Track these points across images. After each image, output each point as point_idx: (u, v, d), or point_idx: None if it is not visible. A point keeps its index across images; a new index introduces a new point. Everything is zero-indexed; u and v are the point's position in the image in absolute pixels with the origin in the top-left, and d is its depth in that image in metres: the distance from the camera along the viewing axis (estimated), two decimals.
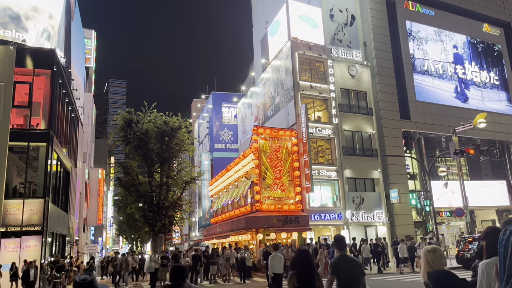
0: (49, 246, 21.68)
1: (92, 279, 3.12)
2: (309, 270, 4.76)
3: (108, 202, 67.24)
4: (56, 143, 22.38)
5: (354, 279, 5.09)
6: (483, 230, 3.59)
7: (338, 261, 5.29)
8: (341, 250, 5.52)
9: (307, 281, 4.65)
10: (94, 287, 3.07)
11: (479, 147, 19.58)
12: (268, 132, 26.11)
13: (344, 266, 5.17)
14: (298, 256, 5.01)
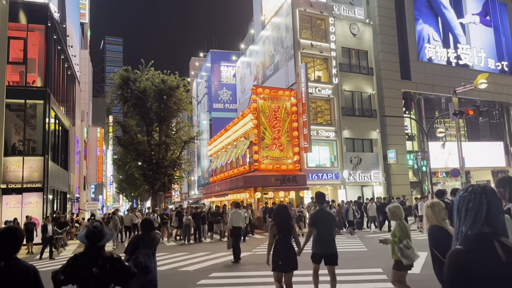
0: (51, 203, 22.02)
1: (103, 227, 3.58)
2: (286, 221, 6.02)
3: (108, 161, 67.73)
4: (53, 100, 22.19)
5: (329, 228, 6.31)
6: None
7: (317, 213, 6.48)
8: (320, 204, 6.61)
9: (284, 229, 5.92)
10: (104, 234, 3.51)
11: (478, 108, 19.49)
12: (267, 92, 25.87)
13: (322, 218, 6.33)
14: (278, 210, 6.24)
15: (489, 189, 2.01)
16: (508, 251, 1.83)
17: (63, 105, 26.37)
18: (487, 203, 1.94)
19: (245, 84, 38.47)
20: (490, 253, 1.83)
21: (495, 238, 1.88)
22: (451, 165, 28.91)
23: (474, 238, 1.90)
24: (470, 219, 1.95)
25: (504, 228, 1.95)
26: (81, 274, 3.37)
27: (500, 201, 2.05)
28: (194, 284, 8.58)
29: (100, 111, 65.32)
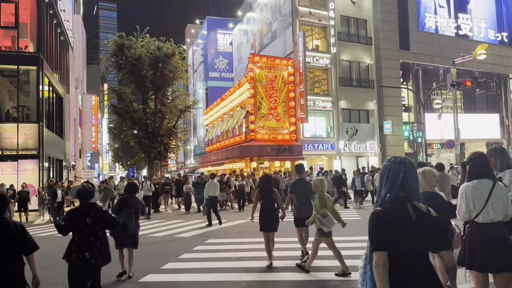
0: (47, 170, 22.05)
1: (94, 189, 4.46)
2: (269, 187, 7.09)
3: (103, 129, 67.49)
4: (46, 67, 21.82)
5: (307, 195, 7.16)
6: (468, 156, 3.89)
7: (296, 183, 7.39)
8: (299, 174, 7.56)
9: (266, 195, 7.04)
10: (93, 194, 4.41)
11: (476, 79, 19.36)
12: (264, 60, 25.53)
13: (300, 187, 7.23)
14: (261, 179, 7.43)
15: (408, 160, 2.40)
16: (418, 212, 2.25)
17: (56, 72, 25.96)
18: (404, 172, 2.33)
19: (242, 52, 37.90)
20: (404, 213, 2.25)
21: (409, 201, 2.29)
22: (446, 136, 29.02)
23: (392, 201, 2.31)
24: (389, 184, 2.35)
25: (417, 193, 2.35)
26: (78, 224, 4.24)
27: (415, 170, 2.41)
28: (190, 250, 8.72)
29: (94, 78, 64.53)
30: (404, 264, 2.19)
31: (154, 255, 8.42)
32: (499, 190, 3.52)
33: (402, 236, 2.19)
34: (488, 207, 3.48)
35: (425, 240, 2.22)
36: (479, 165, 3.64)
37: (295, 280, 6.02)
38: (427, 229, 2.23)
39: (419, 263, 2.22)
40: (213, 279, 6.24)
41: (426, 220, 2.25)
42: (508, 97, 35.74)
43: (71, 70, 34.66)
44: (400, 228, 2.21)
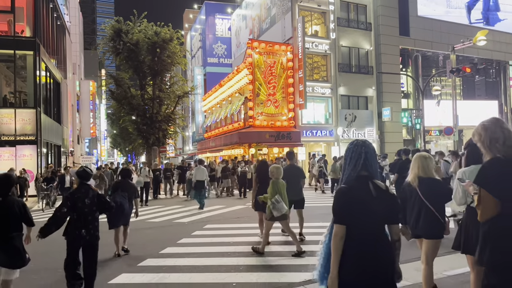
0: (45, 156, 22.04)
1: (92, 172, 5.24)
2: (265, 173, 7.50)
3: (101, 115, 67.26)
4: (43, 52, 21.64)
5: (297, 180, 7.85)
6: (466, 142, 4.02)
7: (287, 168, 8.07)
8: (290, 160, 8.35)
9: (263, 179, 7.57)
10: (90, 176, 5.14)
11: (476, 66, 19.27)
12: (263, 46, 25.34)
13: (291, 172, 7.85)
14: (259, 165, 8.36)
15: (368, 143, 2.66)
16: (377, 189, 2.53)
17: (53, 57, 25.74)
18: (365, 153, 2.60)
19: (241, 38, 37.58)
20: (365, 190, 2.52)
21: (370, 179, 2.57)
22: (444, 123, 29.03)
23: (355, 179, 2.57)
24: (352, 164, 2.61)
25: (376, 172, 2.63)
26: (77, 204, 4.76)
27: (375, 152, 2.68)
28: (189, 235, 8.79)
29: (92, 64, 64.04)
30: (361, 237, 2.46)
31: (153, 240, 8.49)
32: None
33: (362, 210, 2.47)
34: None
35: (382, 214, 2.50)
36: (476, 151, 3.48)
37: (293, 265, 6.08)
38: (385, 205, 2.51)
39: (375, 235, 2.50)
40: (211, 263, 6.30)
41: (384, 197, 2.53)
42: (507, 84, 35.64)
43: (68, 55, 34.37)
44: (361, 203, 2.49)
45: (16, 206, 4.22)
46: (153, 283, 5.40)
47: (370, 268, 2.43)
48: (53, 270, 6.21)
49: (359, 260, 2.43)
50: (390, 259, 2.52)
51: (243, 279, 5.40)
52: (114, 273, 5.91)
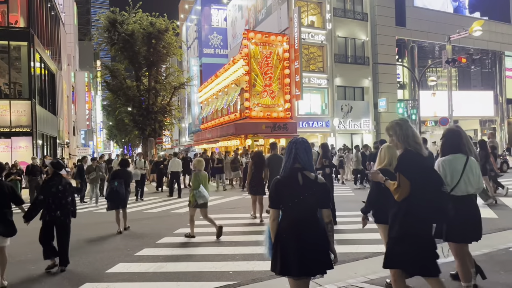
0: (41, 148, 21.98)
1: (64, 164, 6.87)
2: (260, 161, 9.34)
3: (97, 107, 66.99)
4: (37, 43, 21.46)
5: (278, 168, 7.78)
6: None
7: (270, 157, 9.20)
8: (273, 151, 9.38)
9: (258, 167, 9.29)
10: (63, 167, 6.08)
11: (471, 56, 19.30)
12: (259, 36, 25.23)
13: (274, 161, 8.76)
14: (254, 154, 10.02)
15: (300, 141, 3.10)
16: (306, 178, 2.97)
17: (48, 48, 25.54)
18: (295, 149, 3.04)
19: (236, 28, 37.38)
20: (295, 179, 2.98)
21: (300, 171, 3.00)
22: (440, 114, 29.14)
23: (289, 170, 3.04)
24: (286, 158, 3.10)
25: (309, 165, 3.05)
26: (51, 190, 5.67)
27: (306, 148, 3.07)
28: (185, 225, 8.82)
29: (87, 55, 63.63)
30: (293, 219, 2.92)
31: (150, 230, 8.54)
32: (472, 164, 3.82)
33: (292, 197, 2.94)
34: (464, 180, 3.76)
35: (310, 200, 2.93)
36: (452, 140, 3.89)
37: None
38: (313, 192, 2.94)
39: (305, 218, 2.93)
40: (208, 252, 6.36)
41: (312, 185, 2.96)
42: (502, 74, 35.72)
43: (63, 46, 34.10)
44: (291, 191, 2.95)
45: (5, 188, 5.17)
46: (150, 272, 5.45)
47: (300, 245, 2.87)
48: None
49: (290, 238, 2.90)
50: (321, 239, 2.94)
51: (239, 268, 5.46)
52: (111, 263, 5.96)
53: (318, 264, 2.91)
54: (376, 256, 5.68)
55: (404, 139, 3.33)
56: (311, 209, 2.95)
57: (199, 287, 4.74)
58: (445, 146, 3.97)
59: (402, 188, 3.17)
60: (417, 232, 3.13)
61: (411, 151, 3.27)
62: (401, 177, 3.17)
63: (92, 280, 5.17)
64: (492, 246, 5.83)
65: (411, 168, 3.19)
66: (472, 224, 3.80)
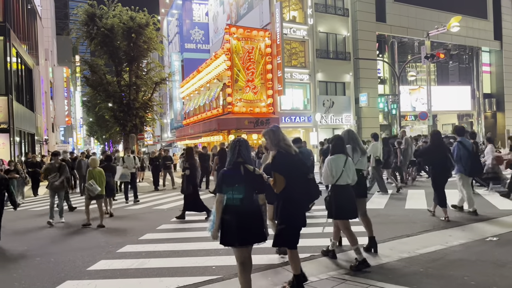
0: (18, 145, 21.49)
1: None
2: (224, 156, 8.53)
3: (76, 103, 65.73)
4: (14, 37, 20.91)
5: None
6: (334, 136, 5.46)
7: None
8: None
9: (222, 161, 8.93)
10: None
11: (449, 51, 19.70)
12: (241, 31, 25.17)
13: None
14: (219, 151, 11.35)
15: (242, 140, 3.87)
16: (246, 170, 3.73)
17: (24, 43, 24.92)
18: (239, 147, 3.79)
19: (218, 23, 37.17)
20: (238, 171, 3.73)
21: (243, 164, 3.75)
22: (419, 108, 29.69)
23: (233, 164, 3.77)
24: (231, 154, 3.82)
25: (249, 159, 3.82)
26: None
27: (246, 145, 3.84)
28: (168, 221, 8.81)
29: (65, 50, 62.31)
30: (236, 202, 3.68)
31: (132, 226, 8.47)
32: (350, 162, 5.01)
33: (235, 185, 3.69)
34: (344, 174, 4.90)
35: (249, 187, 3.70)
36: (337, 144, 5.09)
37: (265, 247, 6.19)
38: (250, 181, 3.72)
39: (246, 202, 3.68)
40: (191, 247, 6.35)
41: (250, 175, 3.74)
42: (479, 69, 36.55)
43: (40, 40, 33.30)
44: (234, 180, 3.71)
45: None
46: (132, 269, 5.42)
47: (242, 223, 3.65)
48: (32, 258, 6.15)
49: (233, 217, 3.66)
50: (257, 216, 3.74)
51: (222, 262, 5.48)
52: (92, 260, 5.89)
53: (254, 236, 3.73)
54: None
55: (276, 143, 4.15)
56: (250, 194, 3.72)
57: (183, 282, 4.74)
58: (333, 148, 5.10)
59: (277, 182, 4.04)
60: (298, 212, 4.09)
61: (281, 152, 4.12)
62: (276, 174, 4.05)
63: (73, 278, 5.11)
64: (468, 237, 6.00)
65: (282, 166, 4.07)
66: (351, 206, 4.96)
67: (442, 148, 7.56)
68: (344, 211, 4.95)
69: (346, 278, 4.42)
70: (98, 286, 4.82)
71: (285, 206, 4.05)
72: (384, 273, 4.57)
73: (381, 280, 4.29)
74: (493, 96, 36.91)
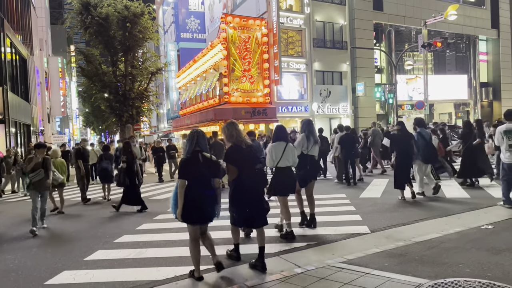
0: (14, 136, 21.38)
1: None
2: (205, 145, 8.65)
3: (72, 94, 65.31)
4: (7, 27, 20.68)
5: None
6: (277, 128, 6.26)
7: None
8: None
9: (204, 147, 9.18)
10: None
11: (446, 40, 19.64)
12: (237, 20, 24.95)
13: None
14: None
15: (200, 131, 4.47)
16: (204, 158, 4.31)
17: (18, 33, 24.65)
18: (196, 137, 4.38)
19: (214, 12, 36.83)
20: (197, 159, 4.29)
21: (200, 152, 4.32)
22: (416, 98, 29.67)
23: (191, 153, 4.32)
24: (189, 144, 4.37)
25: (205, 147, 4.42)
26: None
27: (203, 136, 4.47)
28: (165, 211, 8.80)
29: (60, 40, 61.67)
30: (194, 186, 4.26)
31: (129, 217, 8.48)
32: (289, 148, 5.87)
33: (195, 171, 4.28)
34: (284, 157, 5.79)
35: (206, 172, 4.33)
36: (278, 133, 5.98)
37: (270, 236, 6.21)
38: (208, 166, 4.34)
39: (204, 186, 4.31)
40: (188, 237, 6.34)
41: (208, 162, 4.35)
42: (476, 58, 36.50)
43: (34, 30, 32.93)
44: (194, 166, 4.29)
45: None
46: (130, 258, 5.43)
47: (200, 203, 4.26)
48: (29, 248, 6.15)
49: (194, 199, 4.23)
50: (214, 199, 4.39)
51: (220, 252, 5.48)
52: (89, 250, 5.90)
53: (208, 216, 4.40)
54: (353, 237, 5.82)
55: (229, 137, 4.74)
56: (207, 178, 4.34)
57: (180, 271, 4.76)
58: (274, 136, 6.03)
59: (230, 172, 4.63)
60: (246, 198, 4.62)
61: (233, 146, 4.68)
62: (228, 165, 4.64)
63: (70, 268, 5.12)
64: (463, 225, 6.04)
65: (234, 158, 4.63)
66: (289, 184, 5.93)
67: (408, 137, 8.64)
68: (282, 189, 5.89)
69: (343, 267, 4.44)
70: (95, 276, 4.83)
71: (235, 192, 4.67)
72: (380, 261, 4.60)
73: (377, 268, 4.32)
74: (490, 85, 36.93)
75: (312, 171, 6.51)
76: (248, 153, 4.70)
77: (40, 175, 7.51)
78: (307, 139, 6.39)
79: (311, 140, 6.41)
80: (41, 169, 7.54)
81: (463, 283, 3.78)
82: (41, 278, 4.81)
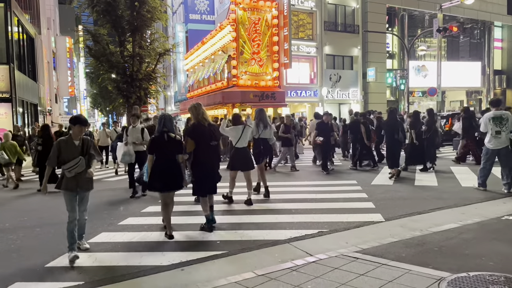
0: (21, 115, 21.31)
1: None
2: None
3: (80, 74, 65.17)
4: (15, 5, 20.41)
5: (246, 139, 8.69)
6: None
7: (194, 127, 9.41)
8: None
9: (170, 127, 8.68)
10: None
11: (462, 25, 19.01)
12: (247, 1, 24.39)
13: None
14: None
15: (167, 114, 5.49)
16: (169, 137, 5.20)
17: (26, 12, 24.37)
18: (164, 119, 5.25)
19: None
20: (163, 138, 5.19)
21: (166, 132, 5.21)
22: (427, 84, 29.06)
23: (160, 132, 5.21)
24: (158, 125, 5.28)
25: (171, 128, 5.30)
26: None
27: (170, 119, 5.38)
28: None
29: (68, 19, 61.23)
30: (162, 161, 5.18)
31: (135, 199, 8.31)
32: (247, 130, 7.21)
33: (161, 148, 5.18)
34: (242, 139, 7.13)
35: (171, 149, 5.21)
36: (236, 119, 7.34)
37: (279, 222, 6.01)
38: (172, 145, 5.20)
39: (170, 160, 5.22)
40: (194, 221, 6.17)
41: (172, 141, 5.21)
42: (491, 45, 35.61)
43: (42, 9, 32.60)
44: (161, 144, 5.17)
45: None
46: (134, 242, 5.26)
47: (165, 175, 5.17)
48: (31, 228, 6.02)
49: (160, 172, 5.16)
50: (178, 172, 5.26)
51: (227, 237, 5.31)
52: (93, 232, 5.74)
53: (174, 185, 5.27)
54: (367, 226, 5.58)
55: (196, 116, 5.56)
56: (172, 154, 5.22)
57: (185, 257, 4.56)
58: (233, 121, 7.32)
59: (188, 145, 5.44)
60: (202, 169, 5.54)
61: (195, 124, 5.56)
62: (187, 139, 5.49)
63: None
64: (482, 215, 5.78)
65: (194, 133, 5.50)
66: (244, 160, 7.19)
67: (395, 124, 9.71)
68: (236, 165, 7.20)
69: (357, 256, 4.22)
70: (98, 259, 4.66)
71: (194, 164, 5.54)
72: (396, 252, 4.36)
73: (394, 259, 4.09)
74: (504, 73, 36.10)
75: (265, 151, 8.00)
76: (208, 131, 5.52)
77: (80, 166, 4.74)
78: (257, 126, 7.85)
79: (261, 126, 7.85)
80: (81, 157, 4.74)
81: (488, 277, 3.53)
82: (43, 261, 4.64)
